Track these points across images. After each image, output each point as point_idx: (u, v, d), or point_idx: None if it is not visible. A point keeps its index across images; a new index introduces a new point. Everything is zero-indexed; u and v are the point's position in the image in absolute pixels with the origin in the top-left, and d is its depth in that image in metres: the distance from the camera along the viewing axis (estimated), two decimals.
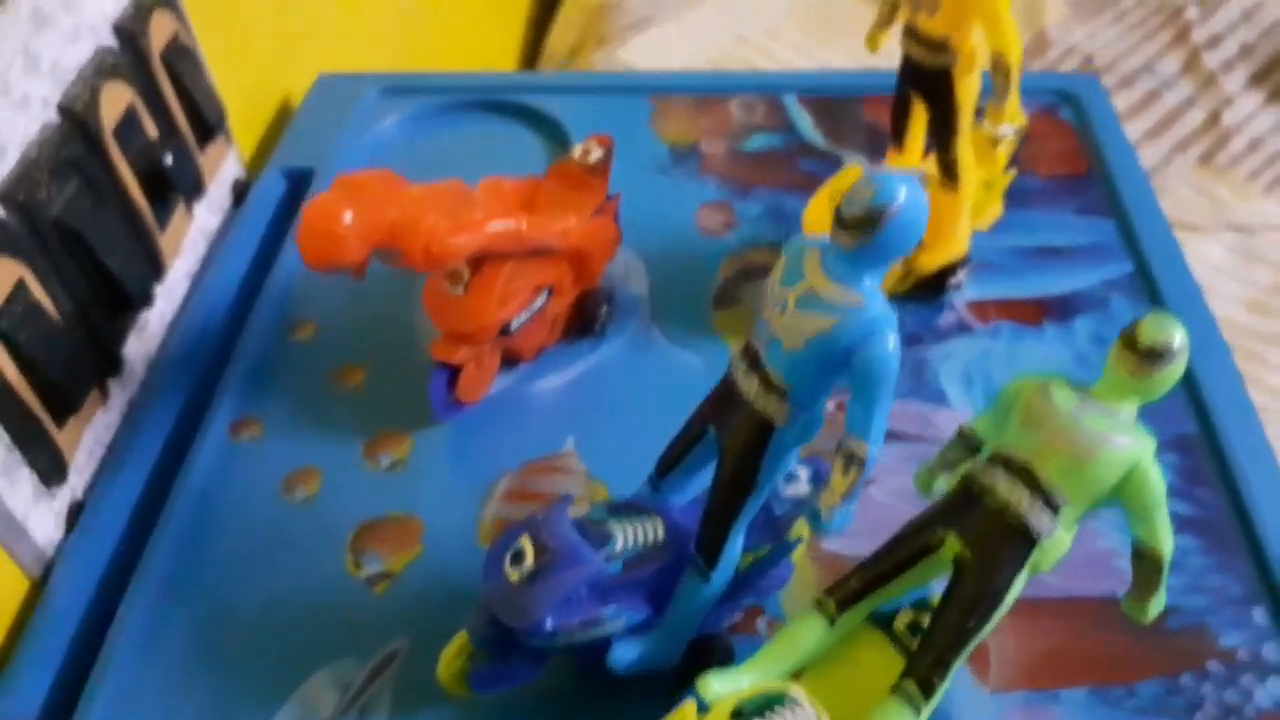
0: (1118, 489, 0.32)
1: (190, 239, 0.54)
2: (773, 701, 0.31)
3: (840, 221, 0.30)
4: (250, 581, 0.42)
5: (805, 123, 0.62)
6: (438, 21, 1.00)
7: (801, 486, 0.38)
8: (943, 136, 0.47)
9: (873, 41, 0.49)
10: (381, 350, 0.50)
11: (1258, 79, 1.13)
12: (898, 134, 0.50)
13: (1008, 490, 0.32)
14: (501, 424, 0.47)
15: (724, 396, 0.34)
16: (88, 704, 0.39)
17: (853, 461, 0.31)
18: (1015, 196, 0.56)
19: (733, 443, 0.33)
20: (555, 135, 0.62)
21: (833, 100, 0.63)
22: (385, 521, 0.44)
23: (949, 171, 0.48)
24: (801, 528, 0.39)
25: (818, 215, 0.50)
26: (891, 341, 0.30)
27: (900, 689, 0.32)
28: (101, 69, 0.46)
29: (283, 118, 0.67)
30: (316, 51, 0.71)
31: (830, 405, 0.34)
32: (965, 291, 0.52)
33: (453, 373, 0.45)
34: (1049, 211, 0.57)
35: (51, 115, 0.44)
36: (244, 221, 0.57)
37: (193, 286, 0.55)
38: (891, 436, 0.46)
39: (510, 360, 0.49)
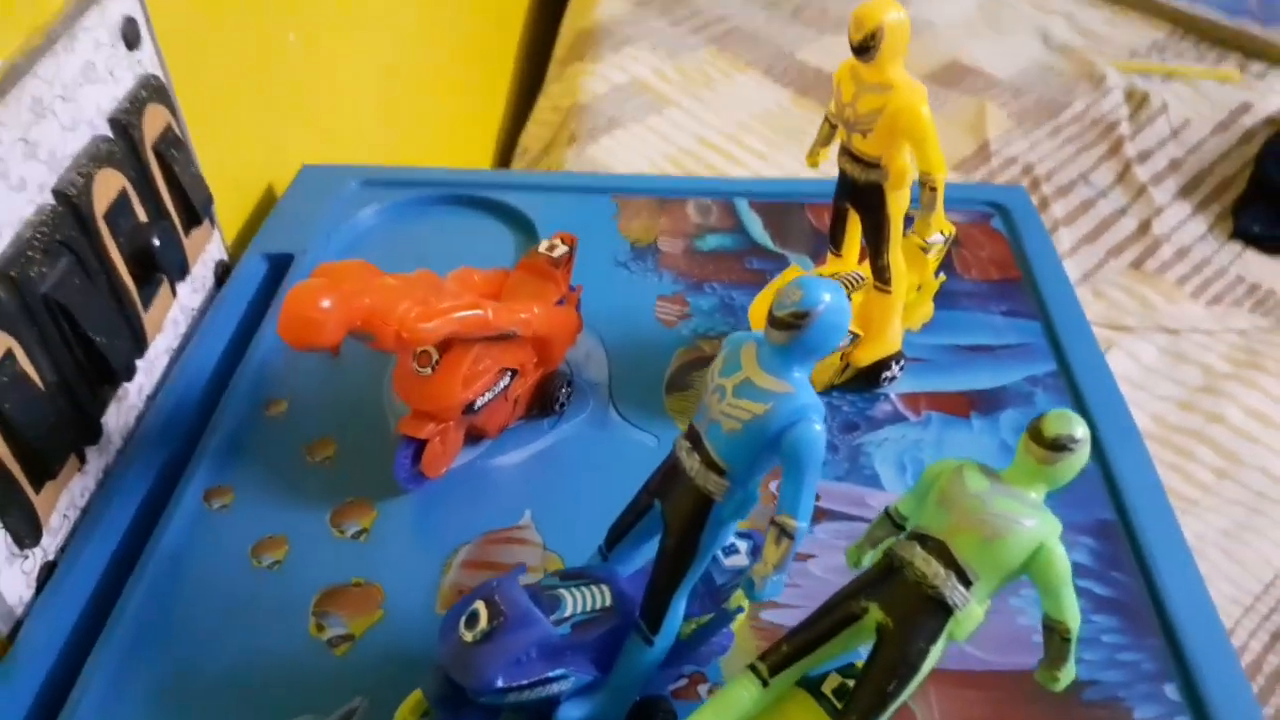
0: (1026, 566, 0.35)
1: (172, 317, 0.57)
2: None
3: (772, 321, 0.33)
4: (216, 641, 0.44)
5: (756, 225, 0.66)
6: (418, 118, 1.05)
7: (741, 558, 0.41)
8: (876, 244, 0.51)
9: (812, 158, 0.54)
10: (351, 426, 0.53)
11: (1185, 192, 1.20)
12: (836, 241, 0.54)
13: (924, 564, 0.35)
14: (463, 497, 0.50)
15: (668, 473, 0.37)
16: None
17: (784, 534, 0.34)
18: (947, 298, 0.61)
19: (675, 516, 0.36)
20: (525, 229, 0.66)
21: (780, 205, 0.68)
22: (348, 587, 0.46)
23: (882, 275, 0.52)
24: (741, 598, 0.41)
25: (761, 311, 0.54)
26: (818, 426, 0.33)
27: None
28: (96, 157, 0.49)
29: (266, 205, 0.70)
30: (301, 144, 0.75)
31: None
32: (899, 384, 0.56)
33: (418, 447, 0.48)
34: (978, 313, 0.61)
35: (46, 198, 0.47)
36: (224, 301, 0.60)
37: (172, 362, 0.57)
38: (828, 515, 0.50)
39: (474, 436, 0.51)
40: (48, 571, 0.47)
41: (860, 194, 0.50)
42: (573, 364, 0.56)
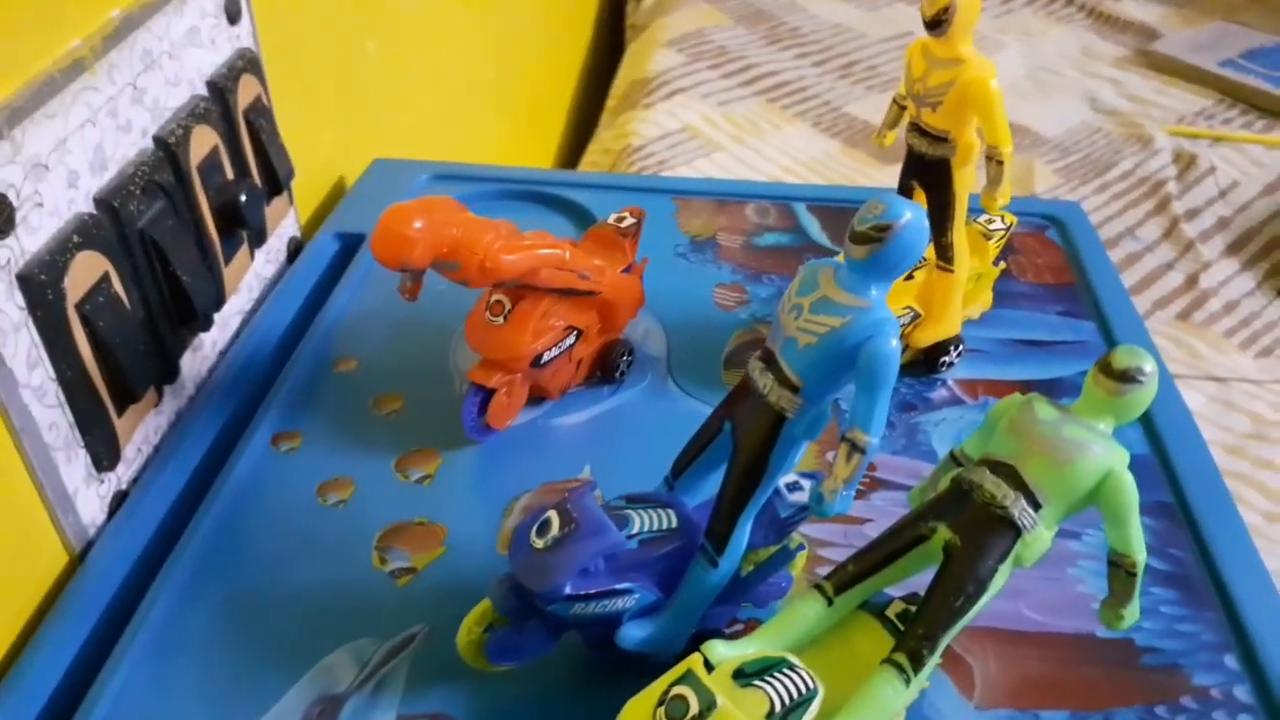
0: (1094, 493, 0.35)
1: (247, 281, 0.59)
2: (773, 666, 0.34)
3: (852, 236, 0.34)
4: (279, 569, 0.45)
5: (813, 225, 0.68)
6: (476, 136, 1.08)
7: (805, 495, 0.41)
8: (940, 222, 0.52)
9: (880, 139, 0.55)
10: (418, 383, 0.54)
11: (1233, 249, 1.21)
12: None
13: (994, 486, 0.35)
14: (525, 451, 0.51)
15: (740, 394, 0.38)
16: (111, 670, 0.41)
17: (855, 449, 0.34)
18: (1003, 298, 0.62)
19: (747, 434, 0.37)
20: (588, 224, 0.68)
21: (838, 209, 0.70)
22: (411, 525, 0.46)
23: (945, 255, 0.53)
24: (801, 538, 0.42)
25: None
26: (894, 341, 0.34)
27: (891, 660, 0.34)
28: (194, 113, 0.52)
29: (336, 194, 0.73)
30: (370, 141, 0.78)
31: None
32: (955, 371, 0.57)
33: (485, 397, 0.49)
34: (1035, 312, 0.62)
35: (148, 143, 0.49)
36: (297, 272, 0.62)
37: (244, 324, 0.59)
38: (885, 485, 0.50)
39: (536, 398, 0.52)
40: (119, 500, 0.48)
41: (927, 170, 0.51)
42: (632, 339, 0.57)
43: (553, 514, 0.37)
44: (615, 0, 1.79)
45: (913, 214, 0.33)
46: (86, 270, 0.44)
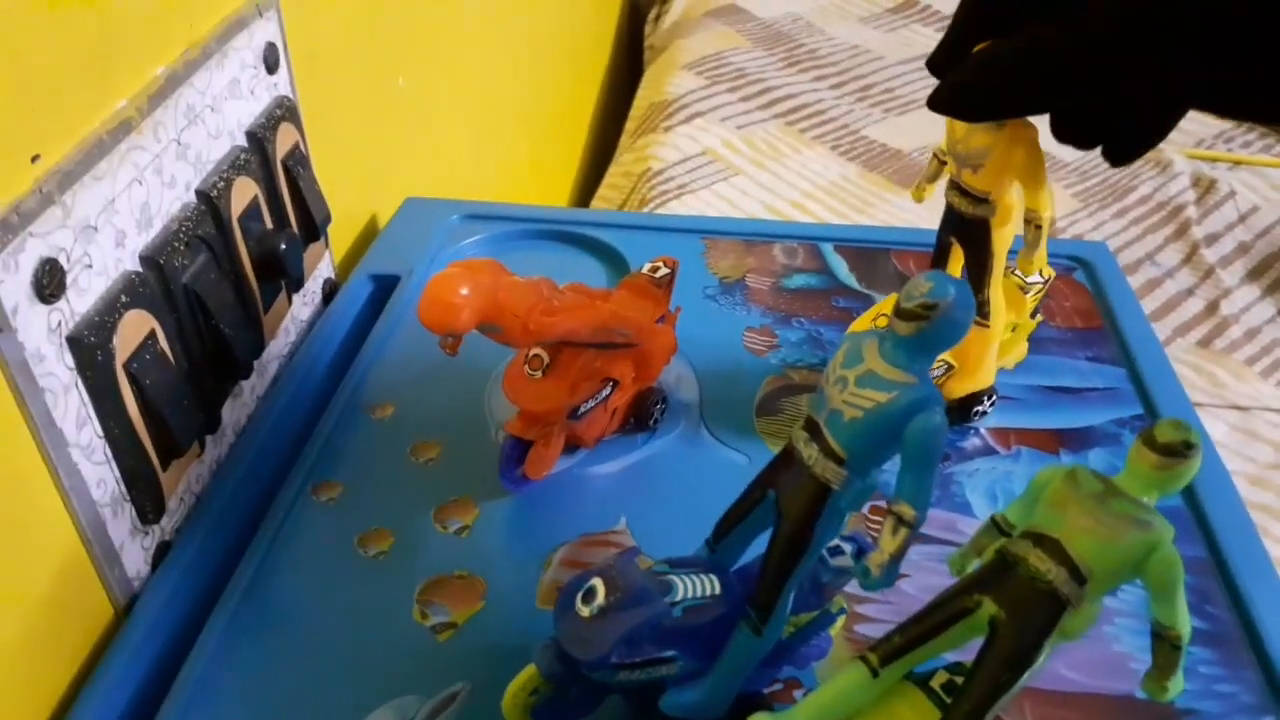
0: (1139, 567, 0.35)
1: (284, 325, 0.60)
2: None
3: (899, 313, 0.34)
4: (323, 622, 0.45)
5: (841, 267, 0.68)
6: (503, 168, 1.09)
7: (846, 559, 0.42)
8: (978, 278, 0.52)
9: (918, 193, 0.55)
10: (454, 431, 0.55)
11: (1254, 275, 1.21)
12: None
13: (1039, 561, 0.35)
14: (561, 501, 0.51)
15: (783, 464, 0.38)
16: None
17: (901, 523, 0.35)
18: (1034, 343, 0.62)
19: (791, 505, 0.37)
20: (617, 264, 0.68)
21: (865, 250, 0.70)
22: (451, 579, 0.47)
23: (982, 310, 0.53)
24: (842, 601, 0.42)
25: None
26: (939, 417, 0.34)
27: None
28: (235, 165, 0.53)
29: (368, 234, 0.73)
30: (400, 179, 0.79)
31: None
32: (988, 420, 0.57)
33: (522, 448, 0.49)
34: (1064, 358, 0.62)
35: (190, 197, 0.50)
36: (333, 314, 0.63)
37: (282, 368, 0.59)
38: (921, 539, 0.50)
39: (572, 446, 0.53)
40: (163, 551, 0.48)
41: (966, 227, 0.51)
42: (665, 386, 0.57)
43: (598, 582, 0.37)
44: (633, 20, 1.80)
45: (958, 292, 0.34)
46: (134, 329, 0.44)
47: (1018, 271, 0.55)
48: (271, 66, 0.57)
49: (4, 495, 0.39)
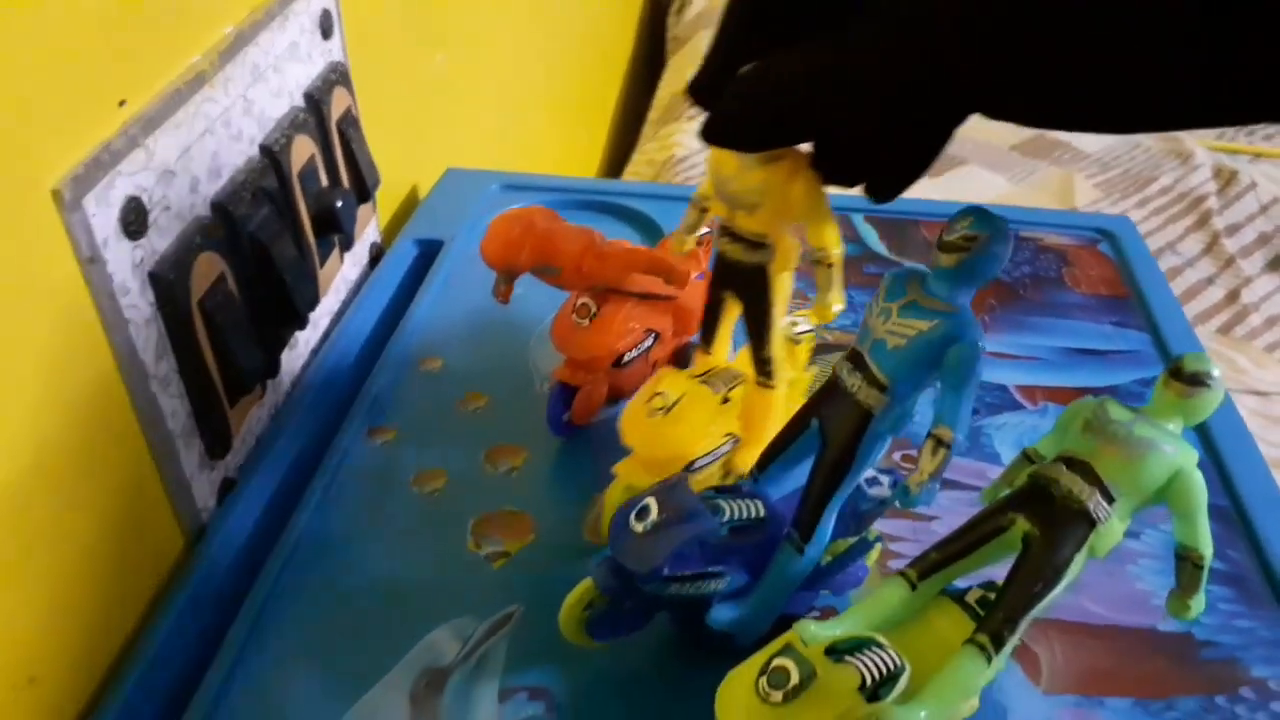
0: (1164, 490, 0.37)
1: (335, 284, 0.62)
2: (862, 645, 0.36)
3: (942, 245, 0.36)
4: (381, 553, 0.47)
5: (872, 235, 0.70)
6: (533, 143, 1.11)
7: (884, 490, 0.44)
8: (760, 333, 0.45)
9: (679, 245, 0.47)
10: (501, 384, 0.57)
11: (1275, 264, 1.22)
12: (709, 335, 0.47)
13: (1071, 482, 0.37)
14: (606, 445, 0.53)
15: (827, 394, 0.40)
16: (230, 645, 0.44)
17: (940, 444, 0.37)
18: (1059, 308, 0.64)
19: (835, 430, 0.39)
20: (651, 232, 0.70)
21: (894, 220, 0.72)
22: (502, 514, 0.49)
23: (765, 369, 0.46)
24: (877, 532, 0.44)
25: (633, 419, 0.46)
26: (980, 344, 0.36)
27: (974, 640, 0.36)
28: (294, 124, 0.55)
29: (410, 204, 0.76)
30: (439, 151, 0.81)
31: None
32: (1016, 377, 0.59)
33: (569, 395, 0.52)
34: (1089, 323, 0.64)
35: (255, 151, 0.52)
36: (380, 276, 0.65)
37: (332, 324, 0.62)
38: (951, 485, 0.52)
39: (615, 397, 0.55)
40: (227, 487, 0.51)
41: (743, 278, 0.44)
42: None
43: (651, 501, 0.39)
44: (655, 13, 1.83)
45: (998, 225, 0.36)
46: (207, 269, 0.47)
47: (784, 321, 0.47)
48: (326, 32, 0.59)
49: (91, 419, 0.41)
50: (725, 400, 0.46)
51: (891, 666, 0.35)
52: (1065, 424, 0.40)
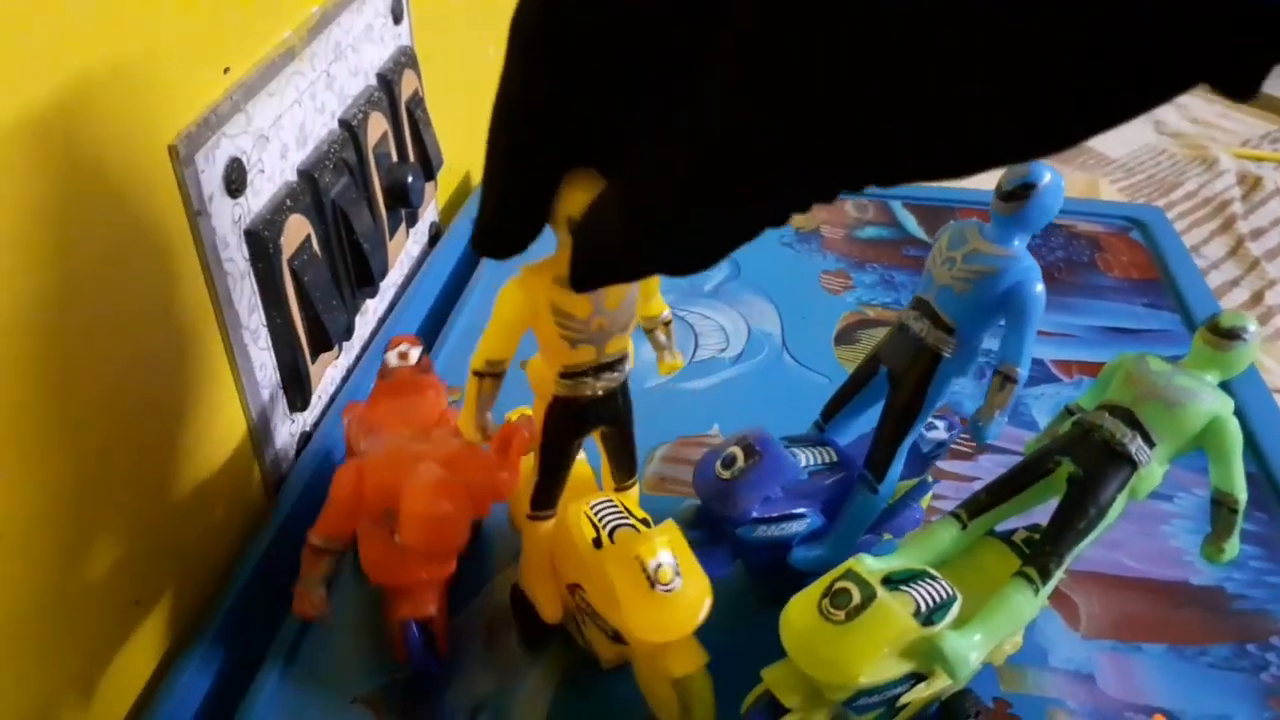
0: (1201, 436, 0.39)
1: (400, 258, 0.65)
2: (916, 576, 0.38)
3: (1000, 194, 0.39)
4: None
5: (910, 221, 0.73)
6: None
7: (941, 434, 0.46)
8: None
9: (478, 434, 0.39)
10: None
11: None
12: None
13: (1114, 426, 0.39)
14: (659, 409, 0.56)
15: (893, 342, 0.43)
16: None
17: (1007, 380, 0.39)
18: (1091, 290, 0.66)
19: (906, 374, 0.42)
20: None
21: (933, 207, 0.75)
22: None
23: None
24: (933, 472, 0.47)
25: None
26: (1039, 286, 0.39)
27: (1022, 573, 0.38)
28: (370, 101, 0.58)
29: (464, 190, 0.79)
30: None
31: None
32: (1051, 353, 0.61)
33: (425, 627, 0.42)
34: (1121, 304, 0.66)
35: (335, 125, 0.55)
36: (440, 254, 0.68)
37: (398, 294, 0.65)
38: (991, 449, 0.54)
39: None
40: (304, 440, 0.54)
41: (623, 409, 0.41)
42: (746, 317, 0.62)
43: (737, 449, 0.42)
44: None
45: (1051, 175, 0.38)
46: (295, 230, 0.50)
47: None
48: (397, 17, 0.63)
49: (192, 364, 0.44)
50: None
51: (944, 595, 0.37)
52: (1106, 378, 0.43)
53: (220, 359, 0.46)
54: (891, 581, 0.38)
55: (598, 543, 0.39)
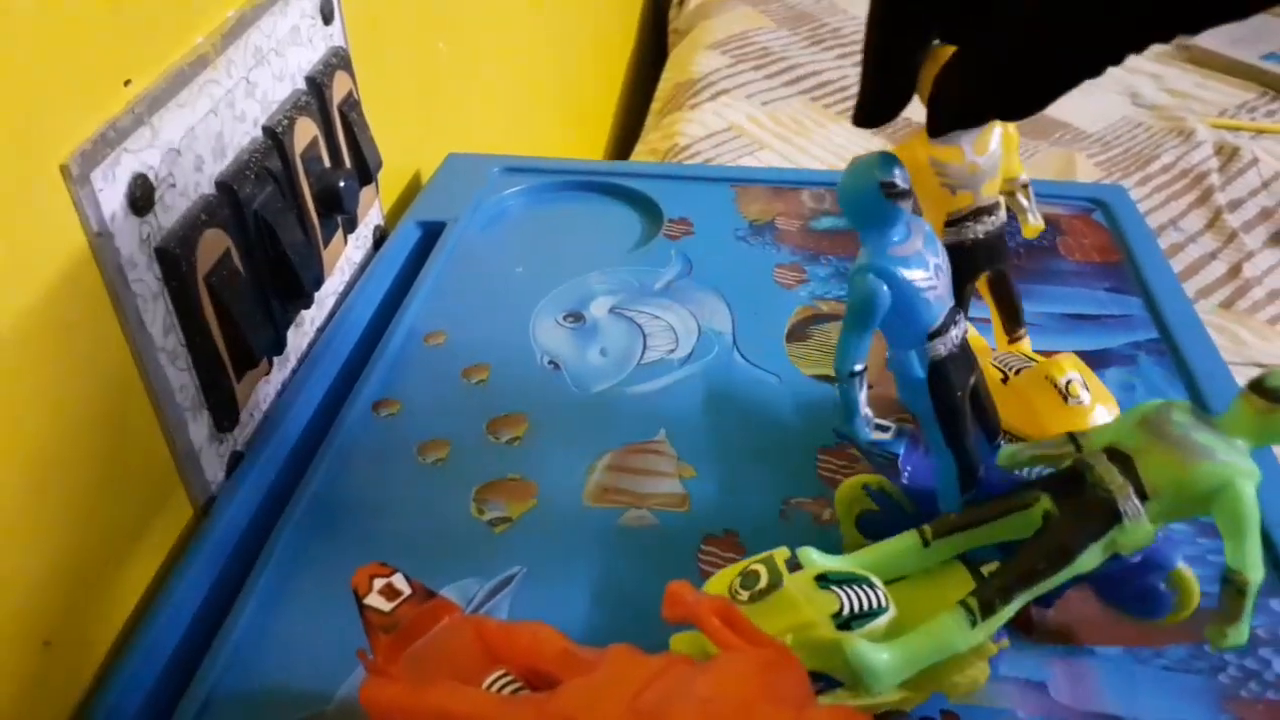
0: (1209, 500, 0.35)
1: (339, 265, 0.63)
2: (854, 580, 0.37)
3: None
4: (386, 519, 0.49)
5: None
6: (536, 132, 1.13)
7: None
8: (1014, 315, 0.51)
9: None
10: (503, 357, 0.58)
11: (1276, 239, 1.22)
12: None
13: (1106, 470, 0.36)
14: (604, 415, 0.54)
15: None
16: (237, 614, 0.45)
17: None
18: (1052, 275, 0.65)
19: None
20: (650, 211, 0.71)
21: None
22: (505, 481, 0.50)
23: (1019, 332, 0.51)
24: None
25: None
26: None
27: (964, 602, 0.35)
28: (296, 106, 0.56)
29: (413, 189, 0.77)
30: (441, 137, 0.82)
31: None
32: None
33: None
34: (1082, 289, 0.64)
35: (258, 133, 0.53)
36: (384, 257, 0.67)
37: (338, 303, 0.63)
38: None
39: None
40: (235, 460, 0.52)
41: (996, 251, 0.46)
42: (696, 316, 0.60)
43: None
44: (657, 5, 1.84)
45: None
46: (212, 246, 0.48)
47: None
48: (327, 17, 0.60)
49: (102, 391, 0.43)
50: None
51: (874, 605, 0.36)
52: (1124, 417, 0.38)
53: (133, 383, 0.44)
54: (825, 579, 0.36)
55: (1005, 380, 0.46)
